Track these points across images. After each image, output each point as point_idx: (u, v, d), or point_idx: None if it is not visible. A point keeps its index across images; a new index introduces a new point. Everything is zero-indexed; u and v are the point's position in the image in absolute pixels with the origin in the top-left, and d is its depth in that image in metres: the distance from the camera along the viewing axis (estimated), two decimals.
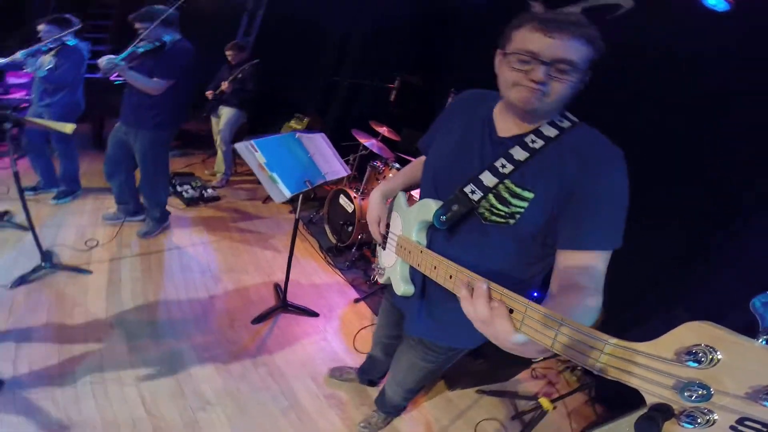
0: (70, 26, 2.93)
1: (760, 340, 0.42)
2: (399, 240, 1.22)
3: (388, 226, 1.36)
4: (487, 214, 0.98)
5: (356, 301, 3.04)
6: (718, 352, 0.43)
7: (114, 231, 3.04)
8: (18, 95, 4.01)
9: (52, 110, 3.01)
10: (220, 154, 4.36)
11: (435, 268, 0.97)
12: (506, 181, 0.95)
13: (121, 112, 2.76)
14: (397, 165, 3.42)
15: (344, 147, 4.10)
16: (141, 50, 2.45)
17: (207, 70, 3.67)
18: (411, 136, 4.01)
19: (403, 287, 1.23)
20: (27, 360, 1.96)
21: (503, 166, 0.96)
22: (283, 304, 2.69)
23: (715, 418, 0.44)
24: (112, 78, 2.49)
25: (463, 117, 1.14)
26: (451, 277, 0.88)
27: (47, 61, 2.87)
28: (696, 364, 0.45)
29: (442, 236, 1.10)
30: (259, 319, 2.56)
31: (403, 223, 1.25)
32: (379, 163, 3.51)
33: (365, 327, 2.78)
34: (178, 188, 3.84)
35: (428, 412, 2.28)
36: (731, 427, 0.43)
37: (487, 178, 0.98)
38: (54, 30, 2.86)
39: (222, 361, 2.21)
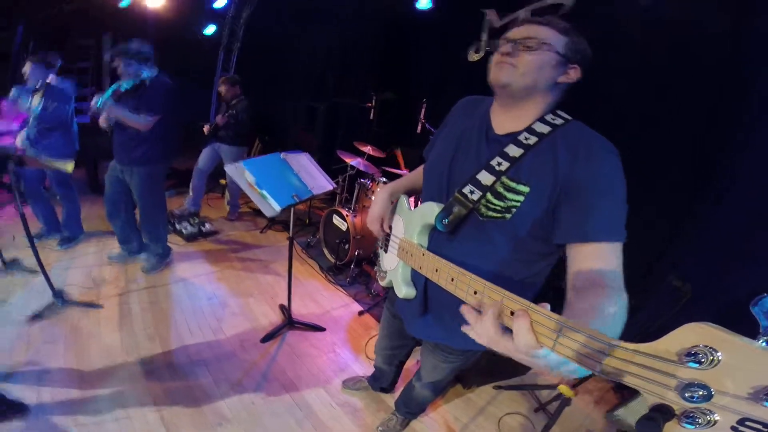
0: (54, 65, 2.98)
1: (761, 341, 0.43)
2: (401, 242, 1.22)
3: (390, 228, 1.36)
4: (483, 210, 0.99)
5: (360, 313, 3.11)
6: (719, 353, 0.43)
7: (120, 269, 3.13)
8: (6, 142, 4.01)
9: (50, 152, 2.96)
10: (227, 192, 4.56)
11: (437, 270, 0.95)
12: (503, 178, 0.97)
13: (114, 152, 2.86)
14: (384, 179, 3.57)
15: (334, 170, 4.28)
16: (123, 87, 2.57)
17: (188, 106, 3.72)
18: (395, 152, 4.17)
19: (404, 290, 1.23)
20: (49, 387, 2.02)
21: (499, 164, 0.98)
22: (289, 322, 2.76)
23: (716, 418, 0.44)
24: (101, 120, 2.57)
25: (462, 121, 1.18)
26: (453, 280, 0.87)
27: (36, 101, 2.89)
28: (696, 365, 0.45)
29: (443, 238, 1.10)
30: (268, 338, 2.63)
31: (405, 225, 1.25)
32: (366, 180, 3.66)
33: (373, 336, 2.84)
34: (177, 226, 3.94)
35: (447, 412, 2.29)
36: (732, 428, 0.43)
37: (485, 177, 0.99)
38: (39, 69, 2.90)
39: (235, 378, 2.27)
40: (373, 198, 3.57)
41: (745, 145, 2.18)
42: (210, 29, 5.63)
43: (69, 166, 2.34)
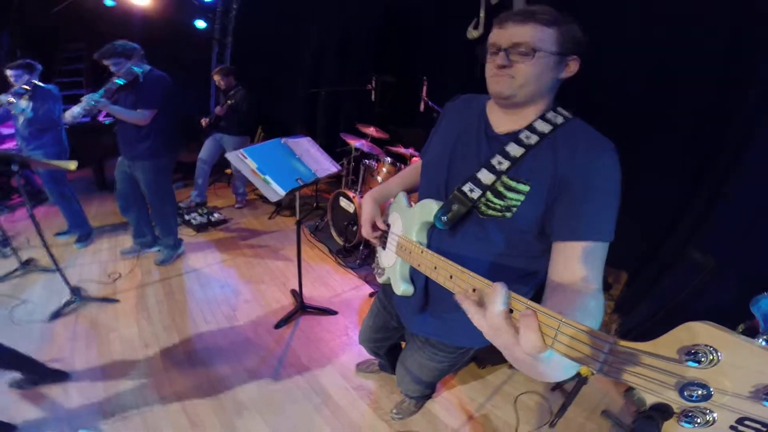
0: (35, 69, 2.98)
1: (760, 341, 0.42)
2: (399, 240, 1.22)
3: (388, 225, 1.35)
4: (483, 208, 1.00)
5: (371, 295, 3.14)
6: (719, 353, 0.43)
7: (133, 264, 3.21)
8: (9, 145, 4.00)
9: (46, 151, 3.04)
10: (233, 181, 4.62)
11: (435, 268, 0.95)
12: (503, 177, 0.97)
13: (119, 147, 2.89)
14: (389, 159, 3.53)
15: (338, 153, 4.26)
16: (116, 84, 2.58)
17: (186, 99, 3.70)
18: (398, 132, 4.13)
19: (402, 287, 1.23)
20: (76, 380, 2.13)
21: (500, 163, 0.98)
22: (301, 307, 2.80)
23: (715, 417, 0.44)
24: (101, 118, 2.58)
25: (458, 118, 1.17)
26: (451, 277, 0.87)
27: (24, 104, 2.91)
28: (696, 364, 0.44)
29: (443, 235, 1.10)
30: (281, 324, 2.68)
31: (403, 223, 1.24)
32: (371, 161, 3.64)
33: None
34: (186, 217, 3.98)
35: (461, 392, 2.30)
36: (731, 427, 0.43)
37: (485, 176, 0.99)
38: (23, 74, 2.90)
39: (252, 366, 2.32)
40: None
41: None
42: (201, 23, 5.56)
43: (72, 165, 2.35)
